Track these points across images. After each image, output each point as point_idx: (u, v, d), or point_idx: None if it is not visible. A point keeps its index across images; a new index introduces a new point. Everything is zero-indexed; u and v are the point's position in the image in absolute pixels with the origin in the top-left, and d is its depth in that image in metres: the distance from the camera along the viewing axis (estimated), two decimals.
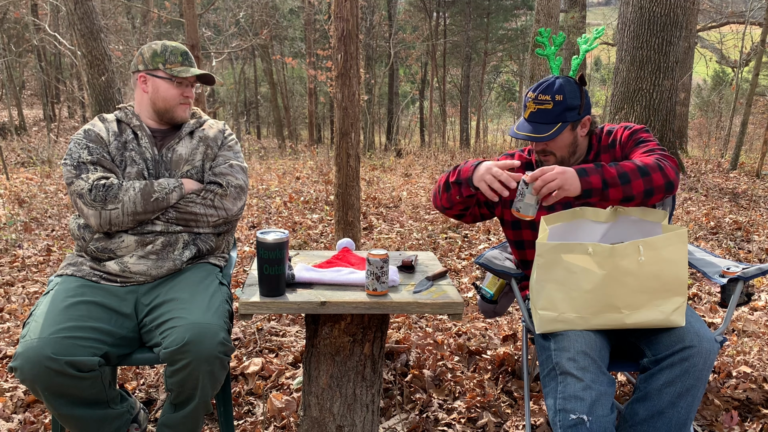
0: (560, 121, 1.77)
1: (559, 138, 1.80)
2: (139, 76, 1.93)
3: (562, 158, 1.84)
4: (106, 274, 1.80)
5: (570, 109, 1.77)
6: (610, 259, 1.61)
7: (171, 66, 1.91)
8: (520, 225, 1.98)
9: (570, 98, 1.77)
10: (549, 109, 1.77)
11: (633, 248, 1.60)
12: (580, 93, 1.79)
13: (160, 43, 1.94)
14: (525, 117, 1.83)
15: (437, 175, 8.73)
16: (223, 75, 23.70)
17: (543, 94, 1.78)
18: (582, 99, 1.80)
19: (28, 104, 20.63)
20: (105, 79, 7.60)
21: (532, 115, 1.80)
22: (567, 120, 1.78)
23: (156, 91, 1.92)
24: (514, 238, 2.02)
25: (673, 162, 1.71)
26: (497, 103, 27.59)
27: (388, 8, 18.91)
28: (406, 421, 2.17)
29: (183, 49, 1.95)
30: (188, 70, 1.93)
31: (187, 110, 1.99)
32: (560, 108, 1.76)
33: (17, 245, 4.52)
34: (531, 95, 1.81)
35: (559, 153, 1.83)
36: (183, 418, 1.69)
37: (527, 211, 1.66)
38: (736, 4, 15.97)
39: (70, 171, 1.81)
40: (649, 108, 7.14)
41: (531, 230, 1.95)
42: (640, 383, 1.62)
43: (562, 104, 1.76)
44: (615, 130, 1.90)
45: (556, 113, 1.77)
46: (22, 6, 14.89)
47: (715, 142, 14.28)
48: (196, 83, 2.01)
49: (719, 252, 4.40)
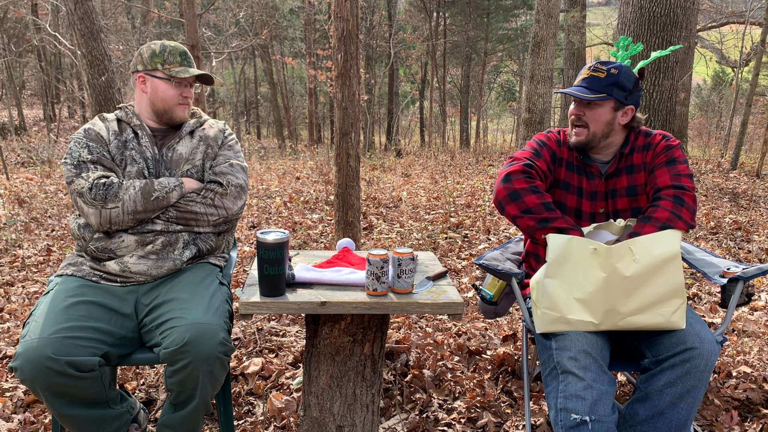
0: (607, 92, 1.80)
1: (599, 109, 1.82)
2: (138, 77, 1.93)
3: (594, 135, 1.85)
4: (106, 274, 1.80)
5: (620, 87, 1.81)
6: (609, 260, 1.62)
7: (169, 66, 1.90)
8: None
9: (624, 78, 1.81)
10: (601, 78, 1.80)
11: (625, 249, 1.62)
12: (635, 81, 1.83)
13: (159, 43, 1.93)
14: (576, 82, 1.85)
15: (437, 175, 8.72)
16: (223, 75, 23.70)
17: (601, 65, 1.83)
18: (634, 87, 1.83)
19: (28, 104, 20.64)
20: (105, 79, 7.60)
21: (583, 80, 1.84)
22: (613, 96, 1.80)
23: (155, 91, 1.91)
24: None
25: (689, 198, 1.77)
26: (497, 103, 27.57)
27: (388, 8, 18.90)
28: (406, 421, 2.17)
29: (182, 49, 1.95)
30: (187, 70, 1.93)
31: (186, 110, 1.98)
32: (611, 80, 1.80)
33: (17, 245, 4.52)
34: (590, 65, 1.85)
35: (593, 126, 1.84)
36: (183, 418, 1.69)
37: None
38: (736, 4, 15.97)
39: (71, 170, 1.81)
40: (649, 108, 7.13)
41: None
42: (641, 383, 1.62)
43: (614, 77, 1.80)
44: (653, 134, 1.92)
45: (606, 83, 1.80)
46: (22, 6, 14.89)
47: (715, 142, 14.29)
48: (195, 83, 2.01)
49: (719, 252, 4.40)
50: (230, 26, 15.87)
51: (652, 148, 1.89)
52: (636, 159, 1.90)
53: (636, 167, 1.90)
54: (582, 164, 1.94)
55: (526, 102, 8.03)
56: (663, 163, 1.85)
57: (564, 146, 1.98)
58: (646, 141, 1.92)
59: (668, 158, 1.85)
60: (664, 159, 1.85)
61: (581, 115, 1.84)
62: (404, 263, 1.61)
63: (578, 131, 1.86)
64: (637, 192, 1.89)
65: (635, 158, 1.90)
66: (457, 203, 6.36)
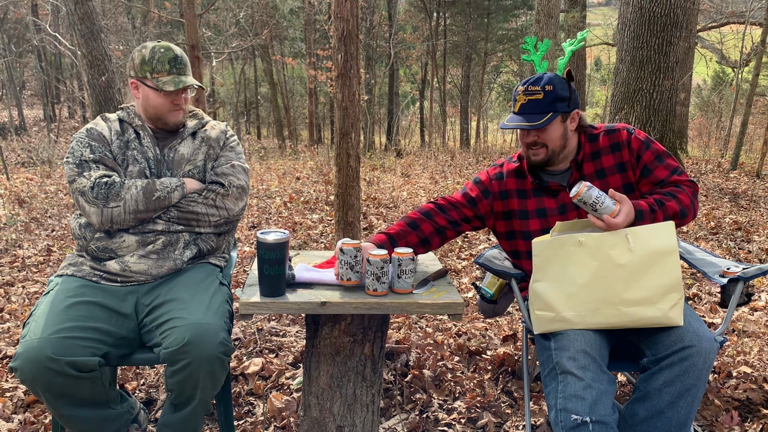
0: (551, 110, 1.79)
1: (550, 128, 1.81)
2: (131, 82, 1.90)
3: (554, 151, 1.85)
4: (107, 273, 1.80)
5: (560, 100, 1.80)
6: (601, 249, 1.62)
7: (158, 76, 1.84)
8: (514, 235, 1.98)
9: (559, 89, 1.79)
10: (539, 99, 1.79)
11: (621, 237, 1.62)
12: (568, 86, 1.82)
13: (149, 48, 1.86)
14: (515, 111, 1.84)
15: (437, 175, 8.72)
16: (223, 75, 23.70)
17: (533, 86, 1.81)
18: (570, 92, 1.82)
19: (28, 104, 20.64)
20: (105, 79, 7.61)
21: (522, 107, 1.82)
22: (557, 110, 1.80)
23: (146, 99, 1.89)
24: (509, 249, 2.03)
25: (697, 191, 1.80)
26: (497, 104, 27.57)
27: (388, 8, 18.90)
28: (406, 421, 2.17)
29: (172, 54, 1.86)
30: (175, 80, 1.85)
31: (181, 114, 1.93)
32: (550, 97, 1.78)
33: (17, 245, 4.52)
34: (521, 89, 1.83)
35: (551, 144, 1.84)
36: (183, 419, 1.69)
37: None
38: (736, 4, 15.97)
39: (72, 169, 1.81)
40: (649, 108, 7.13)
41: (524, 240, 1.95)
42: (640, 383, 1.62)
43: (552, 94, 1.78)
44: (618, 131, 1.89)
45: (546, 102, 1.79)
46: (22, 6, 14.89)
47: (715, 143, 14.28)
48: (188, 88, 1.93)
49: (719, 252, 4.40)
50: (230, 26, 15.86)
51: (624, 146, 1.86)
52: (606, 162, 1.87)
53: (608, 170, 1.87)
54: (537, 186, 1.92)
55: None
56: (653, 161, 1.83)
57: (510, 177, 1.96)
58: (612, 140, 1.88)
59: (654, 154, 1.84)
60: (651, 156, 1.84)
61: (536, 139, 1.84)
62: (404, 263, 1.61)
63: (536, 152, 1.85)
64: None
65: (604, 161, 1.87)
66: None
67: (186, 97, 1.94)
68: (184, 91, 1.92)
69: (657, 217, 1.70)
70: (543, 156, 1.85)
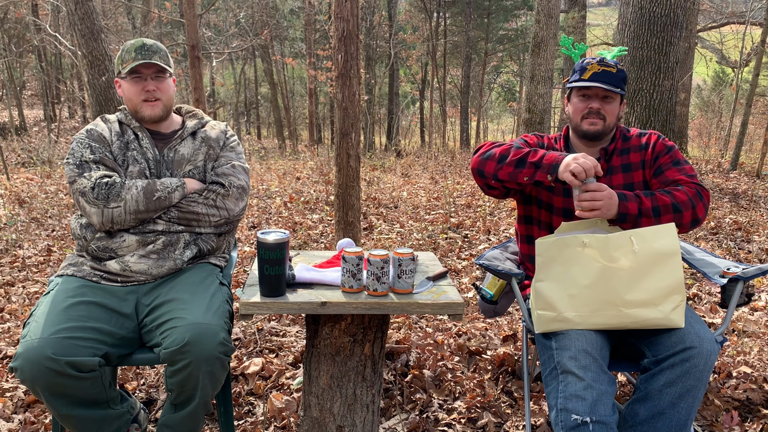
0: (620, 87, 1.86)
1: (614, 103, 1.88)
2: (115, 82, 1.95)
3: (608, 126, 1.89)
4: (107, 273, 1.80)
5: (624, 82, 1.88)
6: (605, 250, 1.63)
7: (125, 64, 1.85)
8: (531, 220, 2.01)
9: (625, 74, 1.88)
10: (613, 73, 1.85)
11: (625, 239, 1.63)
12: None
13: (125, 44, 1.89)
14: (586, 77, 1.86)
15: (437, 175, 8.73)
16: (223, 75, 23.71)
17: (608, 61, 1.87)
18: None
19: (28, 104, 20.64)
20: (105, 79, 7.61)
21: (595, 75, 1.85)
22: (623, 91, 1.88)
23: (124, 93, 1.91)
24: (525, 233, 2.05)
25: (707, 197, 1.79)
26: (497, 104, 27.58)
27: (389, 8, 18.89)
28: (406, 422, 2.17)
29: (140, 43, 1.86)
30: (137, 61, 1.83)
31: (156, 107, 1.90)
32: (621, 76, 1.86)
33: (18, 245, 4.52)
34: (593, 60, 1.88)
35: (609, 119, 1.88)
36: (183, 419, 1.69)
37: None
38: (736, 4, 15.97)
39: (73, 170, 1.81)
40: (649, 108, 7.13)
41: (539, 228, 1.96)
42: (641, 383, 1.62)
43: (622, 74, 1.87)
44: (647, 135, 1.96)
45: (618, 79, 1.86)
46: (22, 6, 14.90)
47: (716, 143, 14.29)
48: (160, 76, 1.89)
49: (719, 252, 4.40)
50: (230, 26, 15.88)
51: (651, 147, 1.92)
52: (633, 158, 1.92)
53: (633, 165, 1.92)
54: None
55: (526, 102, 8.03)
56: (669, 164, 1.88)
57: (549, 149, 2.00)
58: (642, 141, 1.95)
59: (673, 159, 1.88)
60: (669, 160, 1.88)
61: (600, 108, 1.87)
62: (404, 263, 1.61)
63: (595, 121, 1.88)
64: (633, 189, 1.89)
65: (632, 156, 1.93)
66: (457, 203, 6.36)
67: (159, 86, 1.89)
68: (155, 78, 1.88)
69: (643, 203, 1.72)
70: (599, 127, 1.88)
